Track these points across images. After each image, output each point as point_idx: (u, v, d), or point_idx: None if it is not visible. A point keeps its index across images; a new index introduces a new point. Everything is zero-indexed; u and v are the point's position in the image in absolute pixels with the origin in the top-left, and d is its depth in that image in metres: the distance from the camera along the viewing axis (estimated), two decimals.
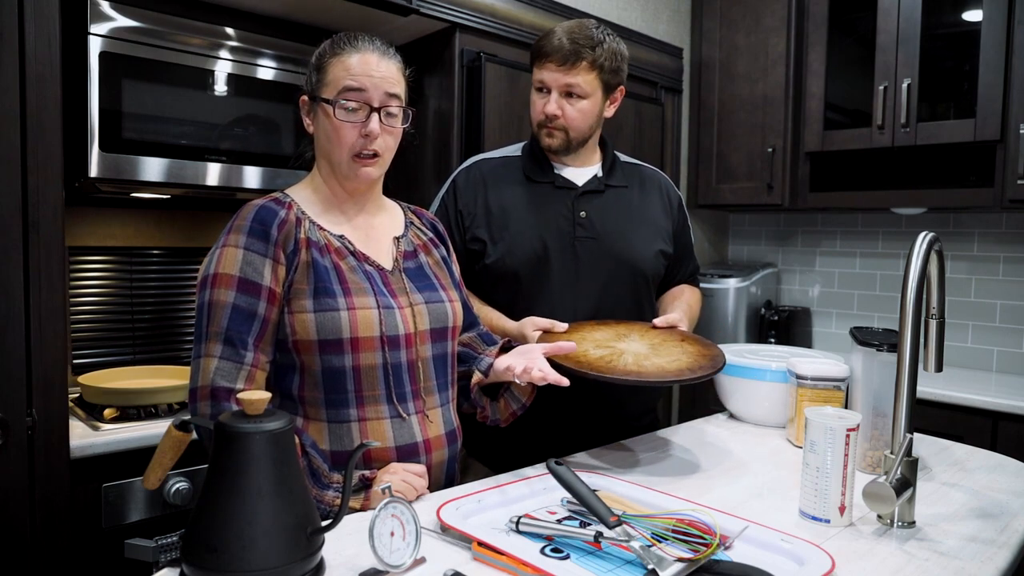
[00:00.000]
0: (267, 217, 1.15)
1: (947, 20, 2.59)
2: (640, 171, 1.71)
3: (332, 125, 1.19)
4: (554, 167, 1.61)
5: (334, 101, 1.18)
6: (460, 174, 1.64)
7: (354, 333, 1.14)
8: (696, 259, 1.81)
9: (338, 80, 1.18)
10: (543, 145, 1.58)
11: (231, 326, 1.10)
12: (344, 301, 1.15)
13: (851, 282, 3.11)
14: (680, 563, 0.89)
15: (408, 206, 1.41)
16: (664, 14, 3.04)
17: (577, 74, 1.49)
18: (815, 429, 1.11)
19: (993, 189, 2.41)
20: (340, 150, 1.20)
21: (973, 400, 2.23)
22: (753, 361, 1.68)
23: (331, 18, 2.12)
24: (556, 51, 1.48)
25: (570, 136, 1.55)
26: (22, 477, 1.42)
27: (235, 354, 1.10)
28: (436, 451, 1.24)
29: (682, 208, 1.74)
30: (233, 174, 1.93)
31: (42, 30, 1.41)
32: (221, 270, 1.12)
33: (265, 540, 0.82)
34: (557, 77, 1.50)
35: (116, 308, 2.10)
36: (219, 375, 1.09)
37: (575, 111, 1.52)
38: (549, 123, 1.54)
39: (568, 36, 1.48)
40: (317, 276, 1.15)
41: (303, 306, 1.14)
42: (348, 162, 1.20)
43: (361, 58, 1.19)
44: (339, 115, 1.17)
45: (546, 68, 1.50)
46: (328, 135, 1.20)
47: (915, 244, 1.13)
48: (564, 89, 1.51)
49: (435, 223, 1.42)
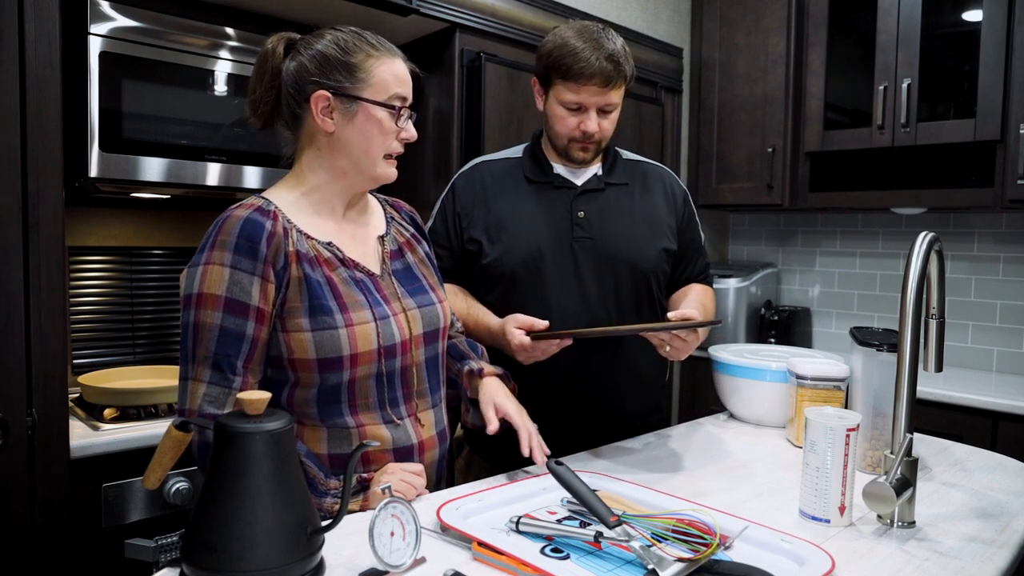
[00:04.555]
0: (254, 232, 1.09)
1: (947, 20, 2.59)
2: (642, 167, 1.68)
3: (381, 127, 1.17)
4: (554, 167, 1.60)
5: (390, 105, 1.17)
6: (459, 177, 1.64)
7: (353, 350, 1.13)
8: (707, 256, 1.73)
9: (387, 85, 1.17)
10: (577, 159, 1.57)
11: (219, 350, 1.07)
12: (341, 318, 1.12)
13: (851, 282, 3.11)
14: (680, 563, 0.89)
15: (385, 199, 1.38)
16: (664, 14, 3.04)
17: (616, 91, 1.49)
18: (815, 429, 1.11)
19: (993, 189, 2.41)
20: (378, 151, 1.19)
21: (973, 400, 2.23)
22: (753, 361, 1.68)
23: (331, 18, 2.12)
24: (599, 73, 1.45)
25: (601, 146, 1.57)
26: (22, 477, 1.42)
27: (223, 379, 1.07)
28: (428, 452, 1.24)
29: (688, 202, 1.69)
30: (233, 174, 1.93)
31: (42, 30, 1.41)
32: (206, 290, 1.07)
33: (265, 540, 0.82)
34: (598, 98, 1.49)
35: (116, 308, 2.10)
36: (207, 401, 1.07)
37: (609, 123, 1.54)
38: (587, 139, 1.53)
39: (604, 55, 1.45)
40: (311, 292, 1.12)
41: (299, 325, 1.11)
42: (382, 162, 1.20)
43: (401, 65, 1.20)
44: (389, 118, 1.18)
45: (587, 90, 1.47)
46: (367, 135, 1.17)
47: (915, 244, 1.13)
48: (602, 107, 1.50)
49: (413, 215, 1.40)
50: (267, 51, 1.18)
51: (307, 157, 1.20)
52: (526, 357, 1.39)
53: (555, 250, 1.54)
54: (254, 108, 1.21)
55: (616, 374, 1.57)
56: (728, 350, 1.80)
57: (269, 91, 1.18)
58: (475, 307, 1.54)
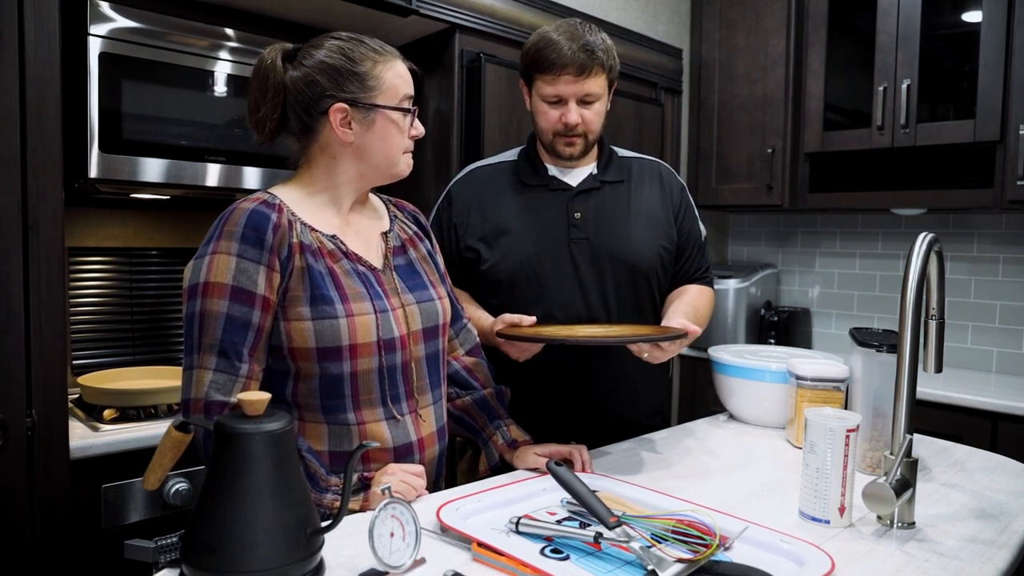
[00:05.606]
0: (260, 222, 1.11)
1: (947, 20, 2.59)
2: (639, 163, 1.66)
3: (398, 129, 1.21)
4: (548, 169, 1.60)
5: (404, 108, 1.21)
6: (455, 185, 1.63)
7: (353, 340, 1.14)
8: (708, 254, 1.69)
9: (397, 88, 1.20)
10: (564, 155, 1.55)
11: (225, 337, 1.08)
12: (342, 308, 1.13)
13: (851, 283, 3.11)
14: (680, 564, 0.89)
15: (388, 199, 1.39)
16: (664, 14, 3.04)
17: (593, 81, 1.48)
18: (815, 430, 1.11)
19: (993, 190, 2.41)
20: (398, 151, 1.23)
21: (973, 401, 2.23)
22: (753, 362, 1.68)
23: (331, 18, 2.12)
24: (572, 62, 1.45)
25: (589, 140, 1.55)
26: (22, 477, 1.41)
27: (230, 366, 1.08)
28: (428, 448, 1.24)
29: (684, 195, 1.66)
30: (232, 175, 1.93)
31: (42, 30, 1.41)
32: (213, 279, 1.08)
33: (265, 541, 0.82)
34: (574, 88, 1.48)
35: (116, 308, 2.10)
36: (213, 388, 1.07)
37: (592, 114, 1.52)
38: (569, 132, 1.52)
39: (577, 44, 1.46)
40: (313, 282, 1.13)
41: (299, 314, 1.12)
42: (404, 160, 1.24)
43: (402, 66, 1.23)
44: (404, 119, 1.22)
45: (562, 80, 1.47)
46: (386, 140, 1.20)
47: (915, 245, 1.13)
48: (581, 97, 1.50)
49: (416, 215, 1.41)
50: (266, 66, 1.17)
51: (319, 164, 1.21)
52: (517, 355, 1.42)
53: (553, 253, 1.53)
54: (260, 126, 1.20)
55: (616, 376, 1.57)
56: (728, 351, 1.80)
57: (274, 107, 1.18)
58: (470, 306, 1.54)
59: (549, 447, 1.33)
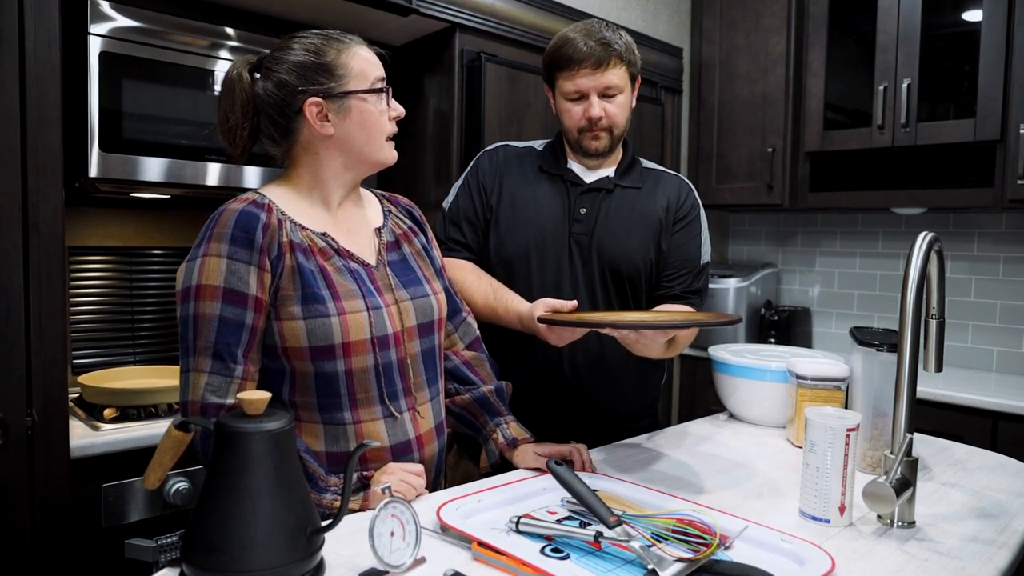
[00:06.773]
0: (249, 223, 1.11)
1: (947, 20, 2.59)
2: (661, 176, 1.65)
3: (375, 113, 1.20)
4: (569, 163, 1.61)
5: (377, 89, 1.19)
6: (484, 155, 1.65)
7: (345, 338, 1.13)
8: (702, 278, 1.60)
9: (366, 71, 1.19)
10: (590, 150, 1.55)
11: (219, 339, 1.08)
12: (334, 306, 1.13)
13: (851, 282, 3.11)
14: (680, 563, 0.89)
15: (382, 193, 1.39)
16: (664, 14, 3.04)
17: (612, 72, 1.50)
18: (815, 429, 1.11)
19: (993, 189, 2.41)
20: (380, 136, 1.21)
21: (973, 400, 2.23)
22: (753, 361, 1.68)
23: (331, 18, 2.12)
24: (589, 56, 1.48)
25: (614, 134, 1.55)
26: (22, 477, 1.42)
27: (225, 368, 1.08)
28: (427, 445, 1.24)
29: (694, 213, 1.62)
30: (232, 174, 1.93)
31: (42, 30, 1.41)
32: (204, 281, 1.08)
33: (265, 540, 0.82)
34: (594, 82, 1.49)
35: (116, 308, 2.10)
36: (209, 391, 1.07)
37: (615, 107, 1.53)
38: (594, 127, 1.52)
39: (593, 39, 1.48)
40: (304, 281, 1.13)
41: (291, 313, 1.12)
42: (385, 146, 1.23)
43: (367, 51, 1.22)
44: (379, 101, 1.20)
45: (581, 75, 1.49)
46: (365, 125, 1.19)
47: (915, 244, 1.13)
48: (602, 91, 1.51)
49: (411, 208, 1.40)
50: (232, 79, 1.18)
51: (304, 163, 1.21)
52: (556, 340, 1.37)
53: (553, 243, 1.54)
54: (231, 137, 1.20)
55: (612, 373, 1.57)
56: (728, 350, 1.80)
57: (244, 117, 1.19)
58: (502, 291, 1.50)
59: (549, 446, 1.33)
